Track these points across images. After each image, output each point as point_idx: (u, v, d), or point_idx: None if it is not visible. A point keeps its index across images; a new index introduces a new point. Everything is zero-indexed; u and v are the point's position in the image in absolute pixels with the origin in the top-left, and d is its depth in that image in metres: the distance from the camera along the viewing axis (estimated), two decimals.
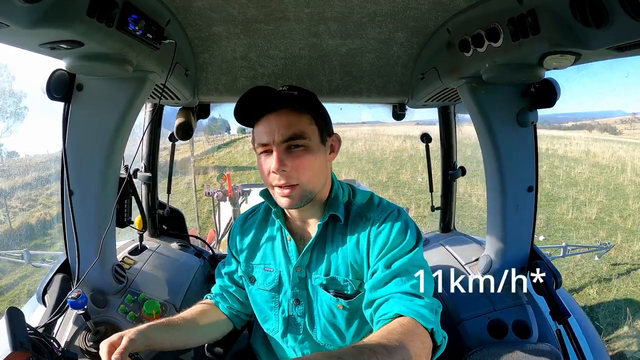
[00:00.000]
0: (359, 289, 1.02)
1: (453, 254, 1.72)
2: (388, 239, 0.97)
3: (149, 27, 1.01)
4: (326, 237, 1.06)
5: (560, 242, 6.03)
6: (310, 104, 0.99)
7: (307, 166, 0.94)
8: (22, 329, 0.90)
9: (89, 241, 1.23)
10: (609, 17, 0.73)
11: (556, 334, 1.25)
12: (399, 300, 0.88)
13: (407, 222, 1.01)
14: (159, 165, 1.93)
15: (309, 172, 0.95)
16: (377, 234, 0.99)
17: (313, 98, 1.02)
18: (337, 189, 1.08)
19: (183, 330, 1.06)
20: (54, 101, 1.13)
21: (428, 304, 0.88)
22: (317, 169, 0.97)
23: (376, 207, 1.05)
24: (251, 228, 1.18)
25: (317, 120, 0.98)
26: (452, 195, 2.02)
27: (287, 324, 1.11)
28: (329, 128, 1.04)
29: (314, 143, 0.96)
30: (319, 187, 1.00)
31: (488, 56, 1.08)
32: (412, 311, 0.85)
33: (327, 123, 1.03)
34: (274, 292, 1.11)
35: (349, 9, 1.16)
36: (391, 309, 0.87)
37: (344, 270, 1.03)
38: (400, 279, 0.92)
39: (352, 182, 5.77)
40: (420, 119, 2.42)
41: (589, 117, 20.73)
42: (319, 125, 0.98)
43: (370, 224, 1.01)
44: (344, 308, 1.03)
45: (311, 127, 0.96)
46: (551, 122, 17.85)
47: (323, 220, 1.03)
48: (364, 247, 1.00)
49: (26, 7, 0.68)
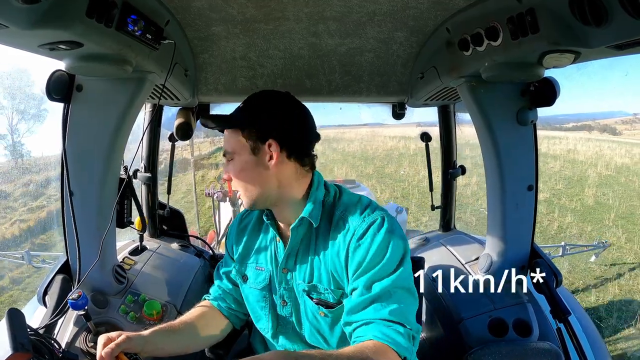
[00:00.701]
0: (340, 298, 1.01)
1: (453, 253, 1.72)
2: (367, 255, 0.93)
3: (148, 27, 1.01)
4: (309, 241, 1.05)
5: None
6: (242, 117, 1.03)
7: (237, 176, 1.04)
8: (23, 330, 0.90)
9: (89, 242, 1.23)
10: (608, 15, 0.73)
11: (557, 333, 1.25)
12: (376, 326, 0.88)
13: (391, 234, 0.95)
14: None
15: (240, 181, 1.04)
16: (355, 247, 0.95)
17: (250, 109, 1.03)
18: (315, 191, 1.04)
19: (184, 335, 1.06)
20: (54, 102, 1.14)
21: (405, 331, 0.87)
22: (247, 178, 1.03)
23: (359, 213, 1.00)
24: (247, 228, 1.19)
25: (246, 132, 1.01)
26: (452, 195, 2.02)
27: (277, 323, 1.12)
28: (263, 136, 1.00)
29: (242, 155, 1.02)
30: (257, 193, 1.03)
31: (487, 55, 1.08)
32: (388, 338, 0.86)
33: (260, 132, 1.00)
34: (264, 292, 1.12)
35: (348, 8, 1.16)
36: (366, 333, 0.88)
37: (325, 279, 1.01)
38: (380, 304, 0.90)
39: (351, 183, 5.77)
40: (421, 120, 2.42)
41: (590, 118, 20.84)
42: (248, 137, 1.01)
43: (351, 234, 0.97)
44: (325, 315, 1.03)
45: (240, 144, 1.02)
46: (552, 123, 17.96)
47: (294, 223, 1.03)
48: (343, 258, 0.98)
49: (25, 8, 0.68)
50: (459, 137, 2.00)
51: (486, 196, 1.43)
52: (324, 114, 2.07)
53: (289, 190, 1.04)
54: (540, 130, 1.39)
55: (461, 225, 1.68)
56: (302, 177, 1.05)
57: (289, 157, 1.02)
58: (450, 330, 1.42)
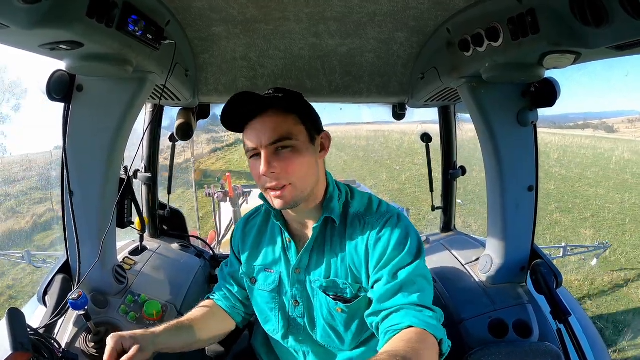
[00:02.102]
0: (357, 292, 1.02)
1: (454, 253, 1.72)
2: (388, 246, 0.97)
3: (149, 27, 1.01)
4: (325, 239, 1.05)
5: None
6: (296, 104, 0.99)
7: (296, 166, 0.94)
8: (23, 329, 0.90)
9: (89, 242, 1.23)
10: (609, 16, 0.73)
11: (557, 334, 1.25)
12: (409, 311, 0.90)
13: (408, 228, 1.00)
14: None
15: (299, 172, 0.95)
16: (376, 240, 0.98)
17: (299, 98, 1.01)
18: (332, 190, 1.06)
19: (192, 333, 1.06)
20: (54, 102, 1.14)
21: (435, 315, 0.91)
22: (306, 168, 0.97)
23: (375, 211, 1.04)
24: (253, 229, 1.18)
25: (304, 120, 0.98)
26: (453, 195, 2.02)
27: (287, 324, 1.11)
28: (318, 126, 1.03)
29: (302, 143, 0.96)
30: (310, 187, 1.00)
31: (488, 56, 1.08)
32: (424, 323, 0.87)
33: (315, 122, 1.02)
34: (274, 293, 1.11)
35: (349, 8, 1.16)
36: (402, 320, 0.89)
37: (343, 274, 1.02)
38: (407, 290, 0.93)
39: (351, 183, 5.77)
40: (423, 119, 2.42)
41: (597, 117, 21.07)
42: (306, 125, 0.98)
43: (369, 229, 1.00)
44: (342, 311, 1.03)
45: (298, 127, 0.96)
46: (558, 122, 18.27)
47: (318, 222, 1.03)
48: (363, 252, 1.00)
49: (26, 8, 0.68)
50: (463, 136, 2.00)
51: (487, 197, 1.43)
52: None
53: (320, 186, 1.04)
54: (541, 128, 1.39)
55: (476, 219, 1.67)
56: (325, 173, 1.07)
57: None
58: (451, 331, 1.41)
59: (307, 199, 1.00)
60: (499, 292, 1.40)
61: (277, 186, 0.95)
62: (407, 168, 15.43)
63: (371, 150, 20.03)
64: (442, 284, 1.53)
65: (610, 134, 20.86)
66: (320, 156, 1.03)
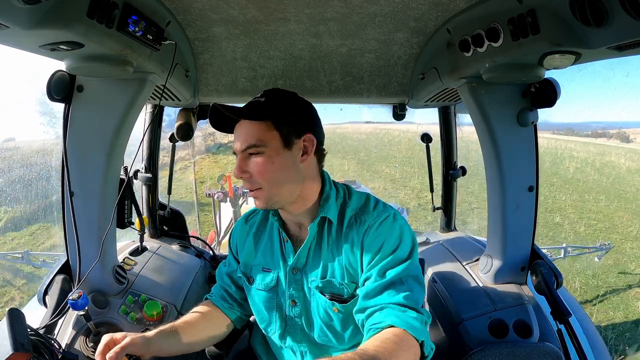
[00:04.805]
0: (354, 292, 1.02)
1: (454, 253, 1.72)
2: (382, 245, 0.97)
3: (149, 28, 1.01)
4: (322, 239, 1.05)
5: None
6: (273, 109, 0.99)
7: (265, 171, 0.97)
8: (23, 329, 0.90)
9: (89, 242, 1.23)
10: (609, 16, 0.73)
11: (557, 334, 1.25)
12: (391, 311, 0.90)
13: (402, 228, 1.01)
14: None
15: (269, 176, 0.98)
16: (371, 239, 0.99)
17: (278, 102, 1.01)
18: (329, 190, 1.06)
19: (188, 336, 1.06)
20: (54, 102, 1.14)
21: (419, 317, 0.90)
22: (278, 173, 0.98)
23: (372, 210, 1.04)
24: (251, 229, 1.18)
25: (279, 125, 0.98)
26: (453, 195, 2.02)
27: (285, 324, 1.11)
28: (298, 130, 1.00)
29: (272, 149, 0.97)
30: (288, 190, 1.00)
31: (488, 56, 1.08)
32: (405, 323, 0.87)
33: (294, 125, 1.00)
34: (271, 293, 1.11)
35: (349, 9, 1.16)
36: (384, 319, 0.89)
37: (339, 274, 1.02)
38: (394, 289, 0.93)
39: (351, 183, 5.77)
40: (423, 120, 2.42)
41: (616, 127, 21.09)
42: (280, 130, 0.98)
43: (365, 228, 1.00)
44: (339, 311, 1.03)
45: (270, 133, 0.97)
46: (576, 130, 18.45)
47: (314, 222, 1.03)
48: (358, 251, 1.00)
49: (26, 8, 0.68)
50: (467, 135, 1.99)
51: (487, 197, 1.43)
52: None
53: (309, 187, 1.04)
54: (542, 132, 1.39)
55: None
56: (319, 174, 1.07)
57: (315, 153, 1.03)
58: (451, 331, 1.42)
59: (292, 201, 1.02)
60: (499, 292, 1.40)
61: (250, 188, 1.00)
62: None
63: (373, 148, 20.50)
64: (442, 284, 1.53)
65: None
66: (302, 159, 1.00)
